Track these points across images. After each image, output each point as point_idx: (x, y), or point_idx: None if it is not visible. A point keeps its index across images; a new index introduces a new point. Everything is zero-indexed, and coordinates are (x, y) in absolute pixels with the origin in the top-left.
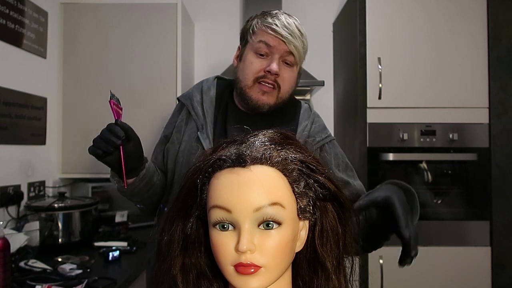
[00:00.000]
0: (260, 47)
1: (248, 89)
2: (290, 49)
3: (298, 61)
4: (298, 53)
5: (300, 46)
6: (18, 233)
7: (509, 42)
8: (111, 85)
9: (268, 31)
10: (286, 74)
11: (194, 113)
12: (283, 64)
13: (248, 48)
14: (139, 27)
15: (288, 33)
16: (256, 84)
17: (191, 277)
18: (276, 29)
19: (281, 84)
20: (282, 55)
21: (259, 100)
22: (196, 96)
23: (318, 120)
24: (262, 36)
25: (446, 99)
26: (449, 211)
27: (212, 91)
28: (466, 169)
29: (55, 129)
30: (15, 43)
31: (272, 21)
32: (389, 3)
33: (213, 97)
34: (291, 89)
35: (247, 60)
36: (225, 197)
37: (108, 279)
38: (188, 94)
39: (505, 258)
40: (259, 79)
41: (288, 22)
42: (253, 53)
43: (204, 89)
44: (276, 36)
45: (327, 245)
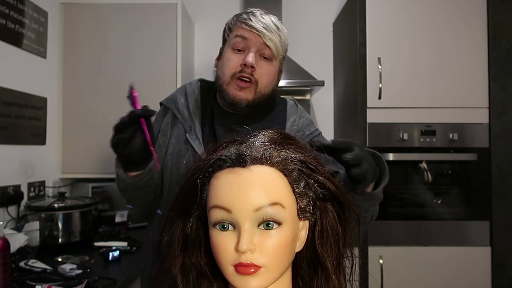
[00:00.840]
0: (236, 41)
1: (226, 86)
2: (265, 41)
3: (275, 55)
4: (274, 46)
5: (276, 39)
6: (18, 233)
7: (509, 42)
8: (111, 85)
9: (243, 26)
10: (264, 68)
11: (180, 116)
12: (261, 58)
13: (226, 46)
14: (139, 27)
15: (263, 26)
16: (233, 80)
17: (191, 277)
18: (251, 23)
19: (258, 78)
20: (258, 48)
21: (236, 96)
22: (181, 99)
23: (305, 115)
24: (237, 31)
25: (446, 99)
26: (449, 211)
27: (196, 94)
28: (466, 169)
29: (55, 129)
30: (15, 43)
31: (247, 17)
32: (389, 3)
33: (198, 99)
34: (271, 84)
35: (225, 57)
36: (225, 197)
37: (108, 279)
38: (171, 98)
39: (505, 258)
40: (236, 74)
41: (263, 17)
42: (230, 49)
43: (189, 92)
44: (251, 30)
45: (327, 245)
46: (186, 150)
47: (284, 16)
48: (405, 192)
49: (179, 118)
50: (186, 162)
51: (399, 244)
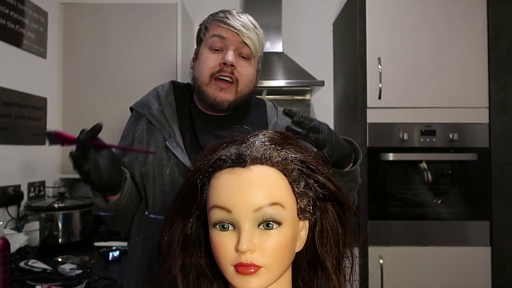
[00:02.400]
0: (214, 41)
1: (204, 86)
2: (244, 40)
3: (254, 54)
4: (253, 45)
5: (255, 38)
6: (18, 233)
7: (509, 42)
8: (111, 85)
9: (221, 25)
10: (244, 67)
11: (156, 122)
12: (239, 57)
13: (202, 46)
14: (139, 27)
15: (240, 24)
16: (212, 81)
17: (191, 277)
18: (228, 22)
19: (238, 77)
20: (237, 47)
21: (217, 97)
22: (154, 104)
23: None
24: (215, 30)
25: (446, 99)
26: (449, 211)
27: (170, 97)
28: (466, 169)
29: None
30: (15, 43)
31: (223, 15)
32: (389, 3)
33: (173, 103)
34: (251, 84)
35: (202, 57)
36: (225, 197)
37: (108, 279)
38: (143, 102)
39: (505, 258)
40: (215, 74)
41: (240, 15)
42: (207, 49)
43: (162, 96)
44: (229, 29)
45: (327, 245)
46: (168, 158)
47: (284, 16)
48: (405, 192)
49: (155, 124)
50: (170, 172)
51: (399, 244)
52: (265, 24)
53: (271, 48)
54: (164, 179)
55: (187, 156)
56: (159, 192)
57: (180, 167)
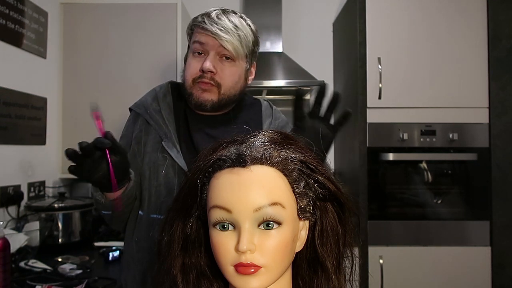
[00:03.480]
0: (195, 47)
1: (190, 89)
2: (222, 44)
3: (236, 56)
4: (233, 47)
5: (235, 39)
6: (18, 233)
7: (509, 42)
8: (111, 85)
9: (199, 30)
10: (226, 69)
11: (153, 122)
12: (222, 60)
13: (189, 51)
14: (139, 27)
15: (218, 28)
16: (195, 84)
17: (191, 277)
18: (205, 26)
19: (220, 81)
20: (217, 51)
21: (200, 97)
22: (152, 105)
23: (280, 116)
24: (195, 36)
25: (446, 99)
26: (449, 211)
27: (168, 98)
28: (466, 169)
29: (55, 129)
30: (15, 43)
31: (201, 19)
32: (389, 3)
33: (170, 104)
34: (237, 84)
35: (187, 62)
36: (225, 197)
37: (108, 279)
38: (141, 103)
39: (505, 258)
40: (196, 80)
41: (219, 17)
42: (191, 54)
43: (160, 97)
44: (206, 34)
45: (327, 245)
46: (164, 159)
47: (284, 16)
48: (405, 192)
49: (152, 125)
50: (165, 172)
51: (399, 244)
52: (265, 24)
53: (271, 48)
54: (159, 179)
55: (182, 157)
56: (154, 193)
57: (175, 167)
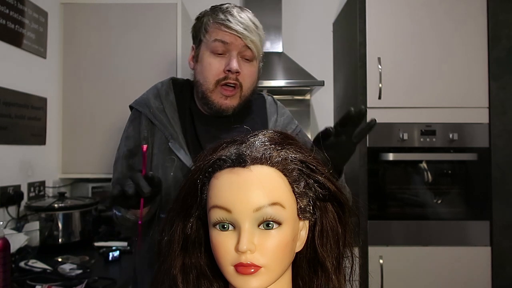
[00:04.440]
0: (216, 46)
1: (210, 93)
2: (247, 43)
3: (256, 55)
4: (256, 47)
5: (257, 39)
6: (18, 233)
7: (509, 42)
8: (111, 85)
9: (222, 28)
10: (246, 70)
11: (158, 122)
12: (242, 60)
13: (203, 48)
14: (139, 27)
15: (243, 28)
16: (218, 88)
17: (191, 277)
18: (231, 25)
19: (242, 82)
20: (240, 51)
21: (223, 105)
22: (155, 103)
23: (285, 112)
24: (216, 34)
25: (446, 99)
26: (449, 211)
27: (171, 96)
28: (466, 169)
29: (55, 129)
30: (15, 43)
31: (224, 17)
32: (389, 3)
33: (173, 102)
34: (253, 85)
35: (205, 61)
36: (225, 197)
37: (108, 279)
38: (143, 100)
39: (505, 258)
40: (220, 81)
41: (241, 16)
42: (209, 53)
43: (163, 94)
44: (231, 33)
45: (327, 245)
46: (172, 161)
47: (284, 16)
48: (405, 192)
49: (157, 124)
50: (174, 174)
51: (399, 244)
52: (265, 24)
53: (271, 48)
54: (168, 181)
55: (190, 158)
56: (164, 195)
57: (184, 169)
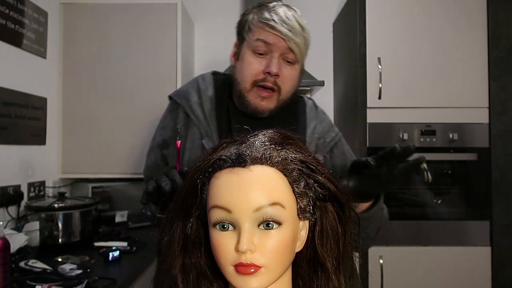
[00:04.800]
0: (258, 45)
1: (246, 93)
2: (290, 46)
3: (299, 59)
4: (299, 50)
5: (301, 42)
6: (18, 233)
7: (509, 42)
8: (111, 85)
9: (266, 28)
10: (287, 73)
11: (194, 117)
12: (284, 63)
13: (245, 46)
14: (139, 27)
15: (288, 29)
16: (254, 88)
17: (191, 277)
18: (275, 26)
19: (281, 85)
20: (282, 52)
21: (258, 106)
22: (194, 96)
23: (325, 118)
24: (259, 33)
25: (446, 99)
26: (449, 211)
27: (210, 91)
28: (466, 169)
29: (55, 129)
30: (15, 43)
31: (269, 17)
32: (389, 3)
33: (212, 98)
34: (293, 88)
35: (245, 60)
36: (225, 197)
37: (108, 279)
38: (182, 92)
39: (505, 258)
40: (258, 82)
41: (287, 16)
42: (250, 52)
43: (202, 89)
44: (274, 34)
45: (327, 245)
46: None
47: None
48: (405, 192)
49: (193, 119)
50: None
51: (399, 244)
52: None
53: None
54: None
55: None
56: None
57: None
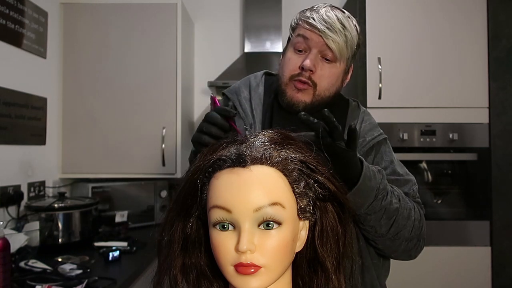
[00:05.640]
0: (298, 41)
1: (284, 86)
2: (328, 43)
3: (339, 58)
4: (338, 48)
5: (341, 40)
6: (18, 233)
7: (509, 42)
8: (111, 85)
9: (305, 25)
10: (325, 70)
11: (241, 110)
12: (322, 60)
13: (289, 45)
14: (139, 27)
15: (326, 26)
16: (291, 82)
17: (191, 277)
18: (313, 23)
19: (317, 81)
20: (320, 49)
21: (294, 98)
22: (244, 92)
23: (368, 119)
24: (300, 30)
25: (446, 99)
26: (449, 211)
27: (260, 88)
28: (466, 169)
29: (55, 129)
30: (15, 43)
31: (310, 15)
32: (389, 3)
33: (261, 95)
34: (333, 87)
35: (286, 57)
36: (225, 197)
37: (108, 279)
38: (234, 89)
39: (505, 258)
40: (294, 77)
41: (328, 15)
42: (292, 48)
43: (253, 86)
44: (312, 30)
45: (327, 245)
46: None
47: (284, 16)
48: None
49: (239, 112)
50: None
51: None
52: (265, 24)
53: (271, 48)
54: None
55: None
56: None
57: None
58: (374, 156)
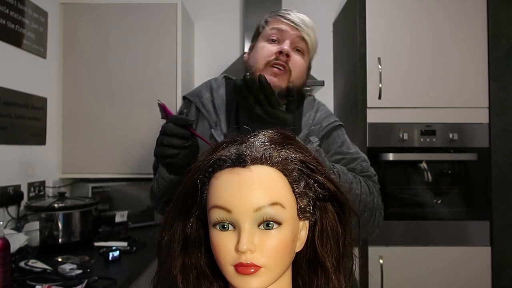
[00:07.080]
0: (272, 33)
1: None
2: (302, 35)
3: (309, 49)
4: (310, 40)
5: (312, 35)
6: (18, 233)
7: (509, 42)
8: (111, 85)
9: (282, 19)
10: (297, 59)
11: (205, 110)
12: (294, 50)
13: (260, 38)
14: (139, 27)
15: (301, 22)
16: (267, 68)
17: (191, 277)
18: (289, 17)
19: (292, 68)
20: (293, 41)
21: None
22: (205, 94)
23: (324, 108)
24: (274, 23)
25: (446, 99)
26: (449, 211)
27: (222, 90)
28: (466, 169)
29: (55, 129)
30: (15, 43)
31: (285, 12)
32: (389, 3)
33: (223, 95)
34: (301, 78)
35: (259, 47)
36: (225, 197)
37: (108, 279)
38: (196, 92)
39: (505, 258)
40: (270, 62)
41: (300, 16)
42: (264, 40)
43: (214, 87)
44: (288, 23)
45: (327, 245)
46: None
47: None
48: (405, 192)
49: (203, 112)
50: None
51: (399, 244)
52: None
53: None
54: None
55: None
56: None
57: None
58: (326, 139)
